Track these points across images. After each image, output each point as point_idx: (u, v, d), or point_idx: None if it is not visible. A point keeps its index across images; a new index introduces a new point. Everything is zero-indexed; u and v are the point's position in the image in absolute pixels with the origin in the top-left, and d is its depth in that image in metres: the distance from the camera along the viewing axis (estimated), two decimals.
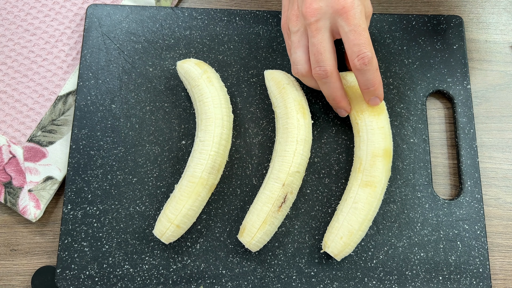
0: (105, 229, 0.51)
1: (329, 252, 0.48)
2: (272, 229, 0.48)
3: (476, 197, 0.52)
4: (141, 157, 0.53)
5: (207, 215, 0.52)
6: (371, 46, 0.44)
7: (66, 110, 0.55)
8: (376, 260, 0.51)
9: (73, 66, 0.56)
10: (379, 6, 0.61)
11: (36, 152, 0.53)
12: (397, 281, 0.50)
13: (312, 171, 0.53)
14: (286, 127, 0.50)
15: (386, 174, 0.50)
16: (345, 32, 0.44)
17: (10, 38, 0.57)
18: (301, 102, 0.51)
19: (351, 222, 0.47)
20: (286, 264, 0.50)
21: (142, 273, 0.50)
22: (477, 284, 0.50)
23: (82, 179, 0.52)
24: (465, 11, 0.61)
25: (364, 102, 0.51)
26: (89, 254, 0.50)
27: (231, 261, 0.50)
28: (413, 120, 0.55)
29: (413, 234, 0.51)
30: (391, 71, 0.56)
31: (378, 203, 0.49)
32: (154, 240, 0.51)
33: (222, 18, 0.58)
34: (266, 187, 0.49)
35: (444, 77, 0.56)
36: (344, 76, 0.53)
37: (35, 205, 0.52)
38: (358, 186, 0.49)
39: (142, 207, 0.52)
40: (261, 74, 0.56)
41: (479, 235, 0.51)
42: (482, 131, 0.57)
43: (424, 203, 0.52)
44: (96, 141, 0.53)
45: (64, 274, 0.49)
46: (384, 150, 0.50)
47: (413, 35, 0.58)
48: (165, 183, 0.52)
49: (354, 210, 0.48)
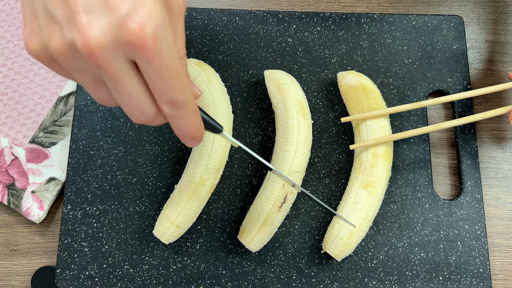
0: (105, 229, 0.51)
1: (330, 253, 0.48)
2: (272, 229, 0.48)
3: (477, 197, 0.52)
4: (141, 157, 0.53)
5: (207, 215, 0.52)
6: (187, 85, 0.31)
7: (68, 111, 0.55)
8: (376, 260, 0.51)
9: None
10: (379, 6, 0.61)
11: (39, 153, 0.53)
12: (397, 281, 0.50)
13: (312, 171, 0.53)
14: (286, 127, 0.50)
15: (387, 175, 0.50)
16: (149, 76, 0.30)
17: (9, 40, 0.57)
18: (301, 102, 0.51)
19: (352, 222, 0.47)
20: (286, 264, 0.50)
21: (142, 273, 0.50)
22: (477, 284, 0.50)
23: (82, 179, 0.52)
24: (465, 11, 0.61)
25: (364, 102, 0.51)
26: (89, 254, 0.50)
27: (231, 261, 0.50)
28: (413, 120, 0.55)
29: (413, 234, 0.51)
30: (391, 71, 0.56)
31: (378, 203, 0.49)
32: (154, 240, 0.51)
33: (222, 18, 0.58)
34: (266, 187, 0.49)
35: (444, 77, 0.56)
36: (345, 76, 0.53)
37: (38, 206, 0.52)
38: (359, 186, 0.49)
39: (142, 207, 0.52)
40: (261, 74, 0.56)
41: (479, 235, 0.51)
42: (482, 131, 0.56)
43: (424, 203, 0.52)
44: (96, 141, 0.53)
45: (64, 274, 0.50)
46: (385, 150, 0.50)
47: (413, 35, 0.58)
48: (165, 183, 0.52)
49: (355, 211, 0.48)
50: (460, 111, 0.55)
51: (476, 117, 0.50)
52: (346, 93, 0.53)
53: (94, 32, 0.28)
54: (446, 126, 0.50)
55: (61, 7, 0.28)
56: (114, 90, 0.31)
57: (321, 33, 0.57)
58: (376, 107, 0.51)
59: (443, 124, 0.50)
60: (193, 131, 0.34)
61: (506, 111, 0.50)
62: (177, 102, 0.32)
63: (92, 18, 0.28)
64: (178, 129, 0.34)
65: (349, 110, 0.54)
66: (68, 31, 0.28)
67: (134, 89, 0.31)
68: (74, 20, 0.28)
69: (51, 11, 0.29)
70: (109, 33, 0.28)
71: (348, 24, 0.58)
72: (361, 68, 0.56)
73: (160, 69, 0.29)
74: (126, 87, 0.30)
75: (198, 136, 0.35)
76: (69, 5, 0.28)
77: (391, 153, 0.51)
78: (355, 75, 0.53)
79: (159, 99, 0.31)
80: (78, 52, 0.29)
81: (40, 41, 0.30)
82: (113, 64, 0.29)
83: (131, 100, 0.31)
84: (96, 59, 0.28)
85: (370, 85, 0.53)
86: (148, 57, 0.29)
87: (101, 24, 0.28)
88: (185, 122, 0.33)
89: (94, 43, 0.28)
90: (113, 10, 0.28)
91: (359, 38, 0.57)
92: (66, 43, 0.29)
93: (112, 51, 0.29)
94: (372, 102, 0.51)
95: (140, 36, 0.28)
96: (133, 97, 0.31)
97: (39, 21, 0.30)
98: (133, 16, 0.28)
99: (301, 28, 0.57)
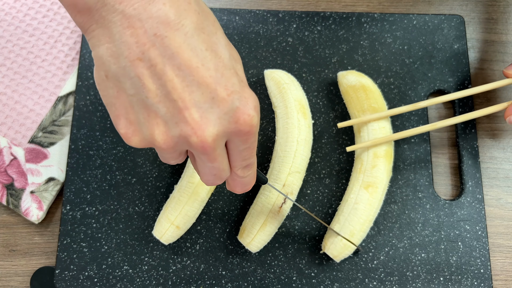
0: (104, 229, 0.51)
1: (329, 254, 0.48)
2: (272, 229, 0.48)
3: (477, 198, 0.52)
4: (141, 157, 0.53)
5: (207, 216, 0.51)
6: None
7: (67, 111, 0.55)
8: (376, 261, 0.50)
9: (73, 67, 0.56)
10: (380, 6, 0.61)
11: (38, 153, 0.53)
12: (398, 282, 0.50)
13: (312, 171, 0.53)
14: (287, 127, 0.50)
15: (388, 175, 0.49)
16: (239, 151, 0.33)
17: (8, 40, 0.57)
18: (301, 102, 0.51)
19: (352, 223, 0.47)
20: (286, 265, 0.50)
21: (142, 274, 0.50)
22: (478, 284, 0.50)
23: (81, 180, 0.52)
24: (466, 10, 0.61)
25: (364, 102, 0.51)
26: (88, 255, 0.50)
27: (231, 262, 0.50)
28: (414, 120, 0.55)
29: (414, 235, 0.51)
30: (392, 71, 0.56)
31: (379, 204, 0.49)
32: (153, 240, 0.51)
33: (222, 18, 0.58)
34: (266, 187, 0.49)
35: (445, 77, 0.56)
36: (345, 75, 0.53)
37: (37, 207, 0.51)
38: (359, 186, 0.49)
39: (141, 208, 0.51)
40: (261, 73, 0.56)
41: (480, 236, 0.51)
42: (483, 131, 0.56)
43: (425, 204, 0.52)
44: (95, 141, 0.53)
45: (63, 275, 0.49)
46: (385, 150, 0.50)
47: (414, 35, 0.57)
48: (165, 183, 0.52)
49: (355, 211, 0.48)
50: (461, 111, 0.55)
51: (473, 115, 0.50)
52: (347, 93, 0.53)
53: (208, 128, 0.29)
54: (442, 125, 0.50)
55: (164, 102, 0.29)
56: (205, 166, 0.33)
57: (321, 32, 0.57)
58: (376, 107, 0.51)
59: (440, 123, 0.50)
60: (251, 185, 0.37)
61: (503, 108, 0.50)
62: (250, 165, 0.35)
63: (203, 114, 0.29)
64: (241, 186, 0.37)
65: (349, 110, 0.54)
66: (175, 127, 0.29)
67: (224, 164, 0.33)
68: (183, 116, 0.29)
69: (152, 105, 0.29)
70: (220, 126, 0.30)
71: (349, 24, 0.57)
72: (361, 67, 0.56)
73: (252, 143, 0.32)
74: (219, 163, 0.32)
75: (251, 187, 0.37)
76: (175, 101, 0.28)
77: (392, 153, 0.51)
78: (356, 75, 0.53)
79: (237, 165, 0.34)
80: (189, 145, 0.30)
81: (141, 134, 0.31)
82: (217, 150, 0.31)
83: (217, 172, 0.33)
84: (206, 150, 0.30)
85: (371, 85, 0.52)
86: (247, 138, 0.31)
87: (212, 118, 0.29)
88: (250, 179, 0.36)
89: (209, 137, 0.29)
90: (222, 104, 0.29)
91: (360, 38, 0.57)
92: (174, 137, 0.30)
93: (222, 140, 0.31)
94: (372, 102, 0.51)
95: (250, 125, 0.30)
96: (221, 170, 0.33)
97: (137, 114, 0.30)
98: (242, 109, 0.30)
99: (302, 28, 0.57)
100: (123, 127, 0.31)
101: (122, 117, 0.31)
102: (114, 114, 0.31)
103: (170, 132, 0.30)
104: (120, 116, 0.31)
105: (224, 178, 0.34)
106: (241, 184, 0.36)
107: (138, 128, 0.31)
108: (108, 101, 0.31)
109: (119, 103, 0.30)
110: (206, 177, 0.34)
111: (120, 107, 0.31)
